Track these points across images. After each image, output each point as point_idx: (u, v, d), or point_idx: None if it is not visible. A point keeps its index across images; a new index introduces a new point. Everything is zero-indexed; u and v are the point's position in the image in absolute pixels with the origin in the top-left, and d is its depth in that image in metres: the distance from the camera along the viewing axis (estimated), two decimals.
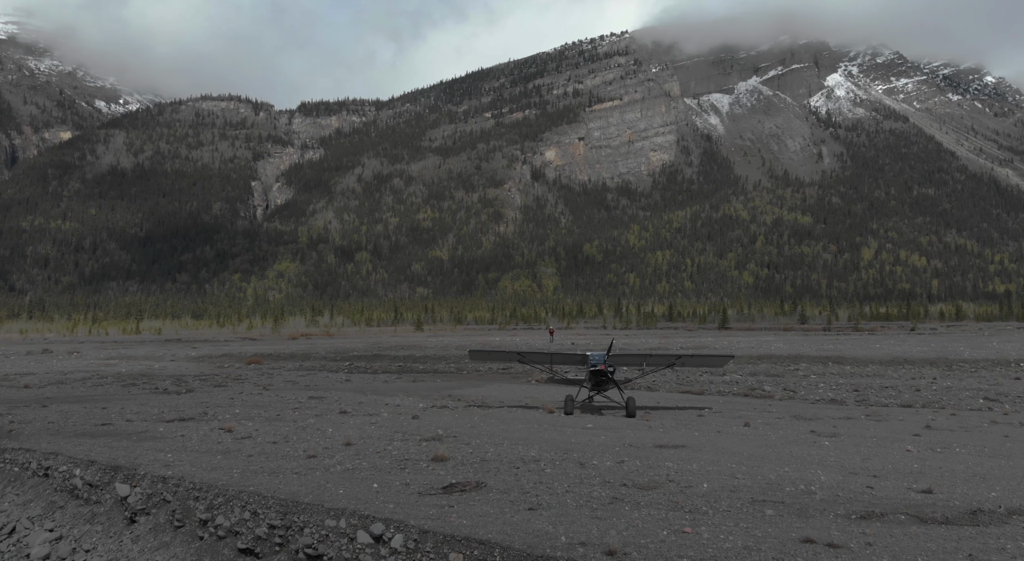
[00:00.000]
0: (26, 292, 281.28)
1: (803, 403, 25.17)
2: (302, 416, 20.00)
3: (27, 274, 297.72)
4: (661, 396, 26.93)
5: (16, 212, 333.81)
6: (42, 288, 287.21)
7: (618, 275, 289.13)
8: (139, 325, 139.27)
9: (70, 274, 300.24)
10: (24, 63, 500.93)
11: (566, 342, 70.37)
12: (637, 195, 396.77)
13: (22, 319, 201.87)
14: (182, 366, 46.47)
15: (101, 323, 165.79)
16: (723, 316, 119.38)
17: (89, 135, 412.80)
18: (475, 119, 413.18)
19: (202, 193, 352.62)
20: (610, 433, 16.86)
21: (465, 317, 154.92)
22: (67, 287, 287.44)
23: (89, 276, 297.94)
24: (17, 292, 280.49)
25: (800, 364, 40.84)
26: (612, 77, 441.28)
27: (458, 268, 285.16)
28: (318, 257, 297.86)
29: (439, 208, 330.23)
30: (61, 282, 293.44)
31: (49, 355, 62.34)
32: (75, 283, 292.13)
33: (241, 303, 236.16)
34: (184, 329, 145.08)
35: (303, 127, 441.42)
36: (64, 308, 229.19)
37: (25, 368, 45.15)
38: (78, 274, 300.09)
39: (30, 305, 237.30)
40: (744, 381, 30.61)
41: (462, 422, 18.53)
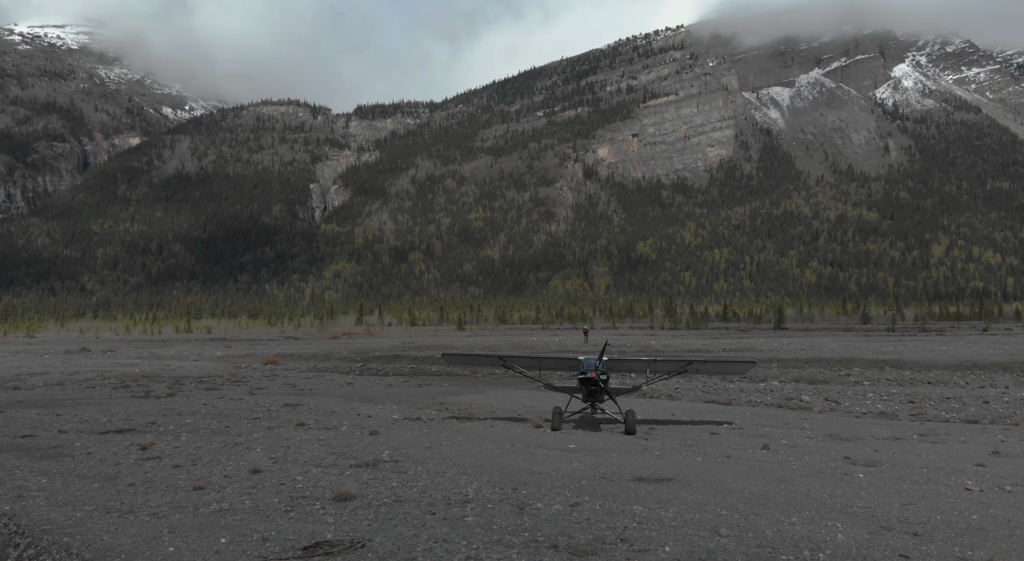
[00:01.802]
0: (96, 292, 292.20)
1: (845, 417, 21.56)
2: (251, 429, 17.61)
3: (97, 275, 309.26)
4: (681, 407, 23.67)
5: (87, 215, 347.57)
6: (111, 288, 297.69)
7: (673, 274, 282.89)
8: (191, 324, 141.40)
9: (137, 275, 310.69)
10: (95, 72, 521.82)
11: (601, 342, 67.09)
12: (693, 192, 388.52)
13: (87, 318, 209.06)
14: (198, 366, 45.16)
15: (161, 322, 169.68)
16: (778, 316, 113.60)
17: (156, 141, 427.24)
18: (527, 118, 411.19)
19: (262, 196, 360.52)
20: (590, 458, 13.86)
21: (510, 317, 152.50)
22: (134, 287, 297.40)
23: (155, 277, 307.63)
24: (88, 292, 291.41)
25: (853, 369, 36.72)
26: (667, 72, 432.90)
27: (509, 268, 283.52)
28: (373, 257, 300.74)
29: (490, 208, 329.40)
30: (129, 283, 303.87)
31: (83, 354, 62.35)
32: (142, 283, 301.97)
33: (297, 303, 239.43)
34: (236, 328, 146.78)
35: (359, 130, 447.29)
36: (128, 308, 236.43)
37: (42, 368, 44.53)
38: (145, 275, 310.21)
39: (96, 305, 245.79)
40: (782, 389, 27.02)
41: (423, 440, 15.80)
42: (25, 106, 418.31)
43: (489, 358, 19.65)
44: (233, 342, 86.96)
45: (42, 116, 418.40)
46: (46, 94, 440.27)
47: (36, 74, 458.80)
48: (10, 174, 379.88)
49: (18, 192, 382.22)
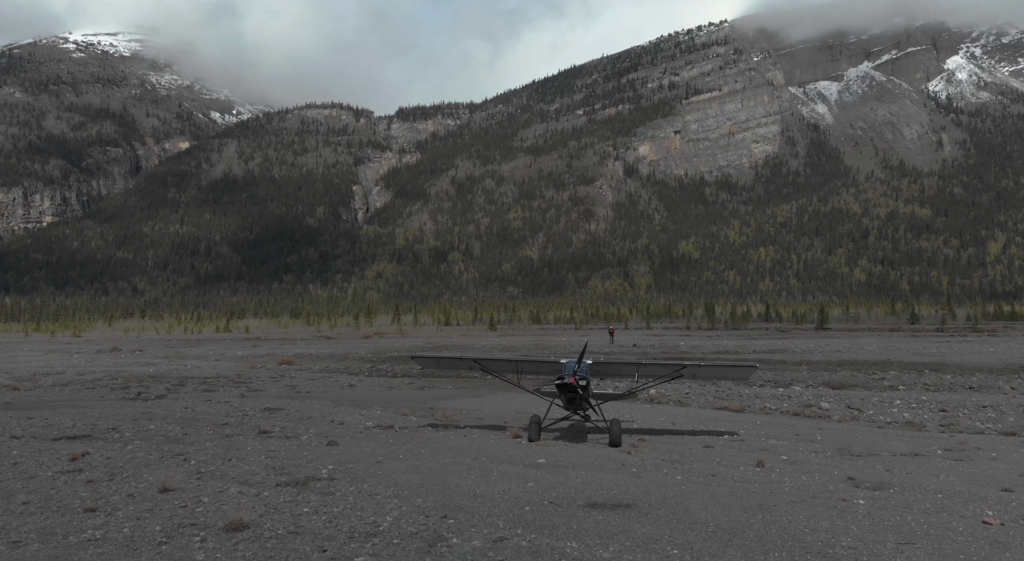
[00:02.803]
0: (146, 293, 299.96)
1: (866, 427, 19.53)
2: (208, 437, 16.49)
3: (148, 276, 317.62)
4: (687, 414, 21.87)
5: (139, 218, 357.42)
6: (161, 289, 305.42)
7: (717, 273, 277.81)
8: (229, 324, 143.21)
9: (186, 276, 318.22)
10: (146, 78, 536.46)
11: (628, 343, 64.95)
12: (738, 189, 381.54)
13: (135, 318, 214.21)
14: (213, 367, 44.74)
15: (204, 321, 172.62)
16: (821, 316, 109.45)
17: (204, 145, 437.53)
18: (567, 117, 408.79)
19: (307, 198, 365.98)
20: (552, 476, 12.33)
21: (545, 317, 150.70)
22: (183, 288, 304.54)
23: (203, 277, 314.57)
24: (139, 293, 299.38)
25: (888, 372, 34.23)
26: (710, 68, 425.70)
27: (548, 267, 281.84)
28: (413, 258, 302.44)
29: (529, 207, 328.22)
30: (178, 283, 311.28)
31: (111, 354, 62.79)
32: (190, 284, 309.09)
33: (339, 302, 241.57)
34: (274, 328, 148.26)
35: (400, 132, 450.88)
36: (175, 308, 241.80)
37: (60, 367, 44.63)
38: (193, 276, 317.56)
39: (144, 305, 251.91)
40: (801, 395, 24.95)
41: (380, 453, 14.47)
42: (80, 112, 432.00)
43: (463, 361, 18.24)
44: (264, 342, 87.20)
45: (96, 122, 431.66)
46: (100, 100, 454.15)
47: (90, 81, 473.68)
48: (65, 178, 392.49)
49: (73, 196, 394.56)
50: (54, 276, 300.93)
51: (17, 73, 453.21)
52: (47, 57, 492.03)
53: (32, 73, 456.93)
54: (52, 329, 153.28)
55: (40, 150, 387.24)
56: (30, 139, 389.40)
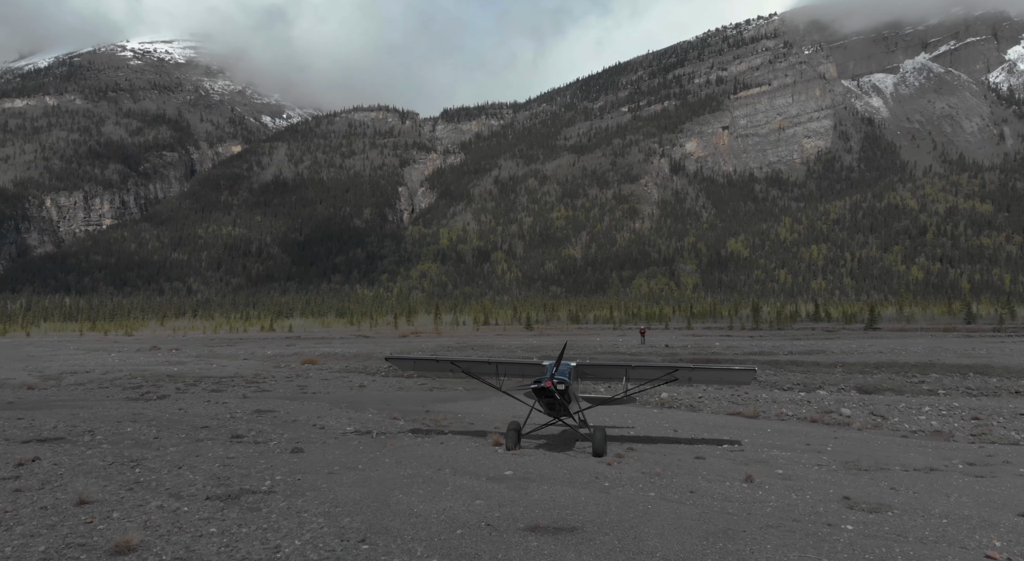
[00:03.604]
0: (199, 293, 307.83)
1: (887, 437, 17.92)
2: (177, 441, 15.91)
3: (202, 276, 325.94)
4: (696, 419, 20.54)
5: (193, 220, 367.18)
6: (214, 289, 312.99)
7: (767, 272, 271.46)
8: (273, 324, 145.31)
9: (238, 276, 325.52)
10: (200, 84, 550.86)
11: (660, 344, 63.06)
12: (789, 185, 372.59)
13: (186, 317, 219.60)
14: (237, 366, 44.79)
15: (252, 320, 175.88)
16: (870, 315, 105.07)
17: (256, 148, 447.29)
18: (611, 114, 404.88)
19: (354, 199, 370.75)
20: (509, 492, 11.28)
21: (585, 316, 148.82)
22: (235, 288, 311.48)
23: (255, 278, 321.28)
24: (193, 293, 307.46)
25: (929, 375, 32.05)
26: (759, 62, 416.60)
27: (591, 266, 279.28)
28: (457, 258, 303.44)
29: (573, 206, 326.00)
30: (231, 283, 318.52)
31: (149, 353, 63.81)
32: (242, 284, 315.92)
33: (384, 302, 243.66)
34: (317, 327, 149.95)
35: (445, 133, 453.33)
36: (225, 307, 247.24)
37: (89, 366, 45.31)
38: (245, 276, 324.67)
39: (196, 304, 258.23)
40: (824, 400, 23.26)
41: (340, 462, 13.66)
42: (137, 118, 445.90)
43: (440, 363, 17.27)
44: (302, 341, 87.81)
45: (152, 127, 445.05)
46: (156, 107, 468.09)
47: (147, 88, 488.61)
48: (124, 182, 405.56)
49: (131, 199, 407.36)
50: (113, 277, 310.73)
51: (78, 81, 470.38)
52: (106, 65, 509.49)
53: (92, 81, 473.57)
54: (106, 328, 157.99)
55: (100, 155, 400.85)
56: (90, 145, 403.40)
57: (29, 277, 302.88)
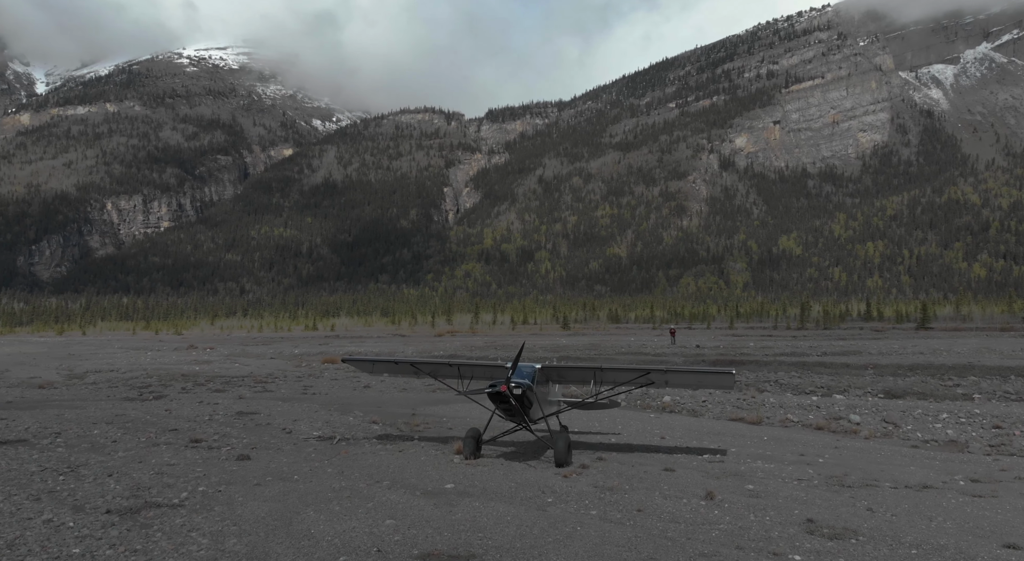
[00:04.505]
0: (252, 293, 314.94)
1: (894, 447, 16.41)
2: (132, 445, 15.46)
3: (255, 277, 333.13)
4: (692, 425, 19.29)
5: (246, 222, 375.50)
6: (266, 289, 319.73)
7: (820, 270, 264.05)
8: (316, 323, 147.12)
9: (289, 276, 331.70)
10: (253, 89, 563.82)
11: (691, 344, 61.06)
12: (844, 180, 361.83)
13: (237, 316, 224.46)
14: (261, 365, 44.89)
15: (299, 320, 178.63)
16: (922, 314, 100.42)
17: (306, 151, 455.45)
18: (658, 110, 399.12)
19: (400, 200, 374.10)
20: (433, 509, 10.39)
21: (626, 316, 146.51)
22: (287, 288, 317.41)
23: (305, 278, 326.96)
24: (246, 293, 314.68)
25: (967, 377, 29.88)
26: (812, 54, 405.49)
27: (637, 265, 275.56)
28: (501, 257, 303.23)
29: (618, 204, 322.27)
30: (282, 284, 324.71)
31: (186, 351, 64.76)
32: (293, 284, 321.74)
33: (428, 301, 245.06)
34: (360, 326, 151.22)
35: (489, 133, 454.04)
36: (275, 307, 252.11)
37: (116, 365, 45.98)
38: (296, 276, 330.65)
39: (246, 304, 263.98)
40: (837, 405, 21.62)
41: (280, 471, 12.98)
42: (193, 123, 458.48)
43: (399, 365, 16.44)
44: (338, 339, 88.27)
45: (208, 132, 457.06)
46: (211, 112, 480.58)
47: (202, 93, 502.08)
48: (180, 186, 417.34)
49: (187, 202, 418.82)
50: (170, 277, 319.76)
51: (136, 88, 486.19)
52: (163, 72, 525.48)
53: (150, 87, 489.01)
54: (158, 327, 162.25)
55: (157, 160, 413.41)
56: (148, 150, 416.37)
57: (91, 278, 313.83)
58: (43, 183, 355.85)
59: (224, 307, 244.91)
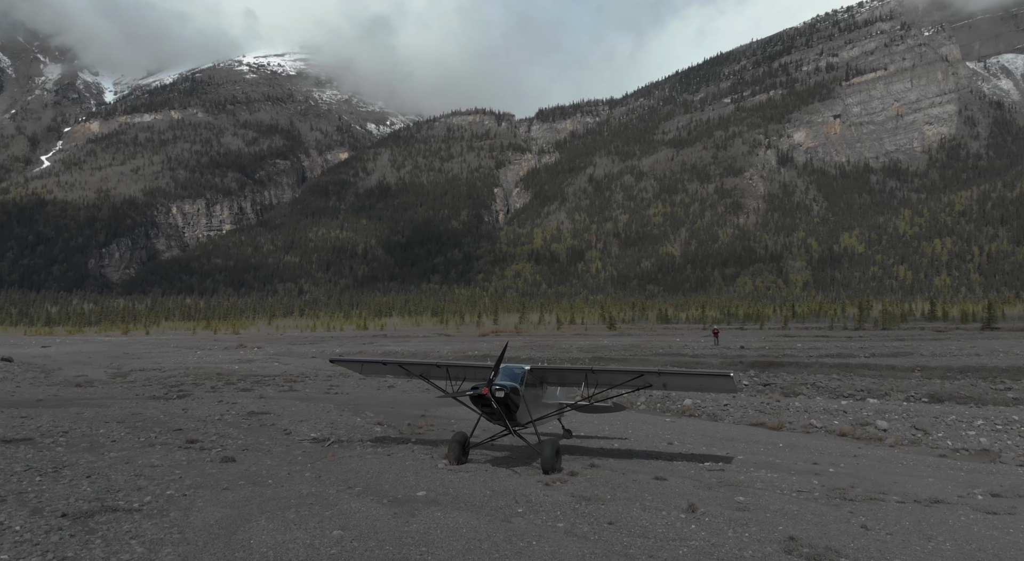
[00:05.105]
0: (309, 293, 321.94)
1: (921, 455, 15.30)
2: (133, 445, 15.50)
3: (312, 277, 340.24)
4: (708, 430, 18.42)
5: (304, 224, 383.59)
6: (323, 290, 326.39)
7: (884, 268, 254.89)
8: (367, 322, 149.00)
9: (345, 277, 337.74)
10: (310, 94, 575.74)
11: (735, 345, 59.16)
12: (908, 175, 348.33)
13: (294, 316, 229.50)
14: (301, 364, 45.42)
15: (352, 319, 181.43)
16: (988, 314, 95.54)
17: (361, 155, 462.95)
18: (712, 106, 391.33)
19: (452, 201, 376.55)
20: (391, 520, 9.98)
21: (677, 316, 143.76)
22: (343, 288, 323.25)
23: (360, 279, 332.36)
24: (303, 293, 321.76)
25: (1021, 381, 28.01)
26: (874, 46, 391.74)
27: (691, 264, 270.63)
28: (551, 257, 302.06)
29: (671, 202, 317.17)
30: (339, 284, 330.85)
31: (235, 350, 66.13)
32: (349, 285, 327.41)
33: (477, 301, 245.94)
34: (409, 326, 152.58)
35: (540, 133, 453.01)
36: (331, 307, 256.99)
37: (162, 364, 47.14)
38: (352, 277, 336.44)
39: (303, 304, 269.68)
40: (865, 410, 20.37)
41: (260, 475, 12.78)
42: (253, 129, 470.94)
43: (387, 365, 16.06)
44: (384, 339, 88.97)
45: (267, 137, 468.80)
46: (269, 117, 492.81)
47: (261, 100, 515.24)
48: (241, 190, 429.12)
49: (248, 205, 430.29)
50: (232, 279, 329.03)
51: (199, 95, 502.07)
52: (224, 79, 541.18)
53: (212, 94, 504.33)
54: (217, 327, 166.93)
55: (219, 164, 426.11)
56: (211, 155, 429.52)
57: (157, 279, 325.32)
58: (112, 188, 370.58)
59: (282, 307, 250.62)
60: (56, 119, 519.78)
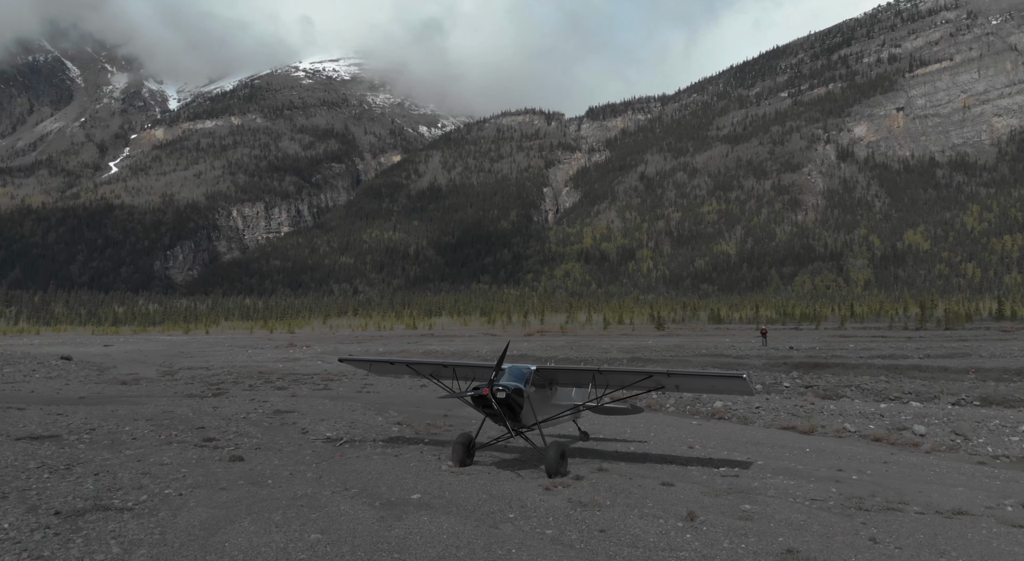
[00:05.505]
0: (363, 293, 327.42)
1: (958, 462, 14.41)
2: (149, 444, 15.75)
3: (366, 278, 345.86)
4: (735, 433, 17.77)
5: (358, 226, 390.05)
6: (377, 290, 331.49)
7: (952, 266, 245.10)
8: (416, 322, 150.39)
9: (398, 277, 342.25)
10: (364, 99, 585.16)
11: (784, 345, 57.37)
12: (977, 169, 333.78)
13: (347, 316, 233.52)
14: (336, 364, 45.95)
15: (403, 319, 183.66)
16: None
17: (413, 157, 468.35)
18: (768, 100, 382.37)
19: (501, 202, 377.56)
20: (376, 523, 9.82)
21: (730, 316, 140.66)
22: (396, 288, 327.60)
23: (412, 279, 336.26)
24: (358, 293, 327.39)
25: None
26: (938, 36, 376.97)
27: (747, 263, 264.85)
28: (600, 256, 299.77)
29: (725, 199, 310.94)
30: (392, 284, 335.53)
31: (285, 349, 67.47)
32: (401, 285, 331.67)
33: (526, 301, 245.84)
34: (457, 325, 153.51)
35: (590, 131, 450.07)
36: (383, 307, 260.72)
37: (211, 363, 48.30)
38: (404, 277, 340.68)
39: (356, 304, 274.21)
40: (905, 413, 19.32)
41: (264, 475, 12.77)
42: (309, 133, 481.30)
43: (395, 365, 15.90)
44: (431, 338, 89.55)
45: (323, 141, 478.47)
46: (325, 122, 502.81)
47: (317, 105, 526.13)
48: (299, 193, 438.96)
49: (305, 208, 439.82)
50: (289, 279, 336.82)
51: (258, 101, 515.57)
52: (282, 85, 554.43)
53: (270, 100, 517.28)
54: (273, 326, 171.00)
55: (277, 168, 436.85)
56: (269, 159, 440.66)
57: (219, 280, 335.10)
58: (176, 193, 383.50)
59: (336, 307, 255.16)
60: (123, 126, 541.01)
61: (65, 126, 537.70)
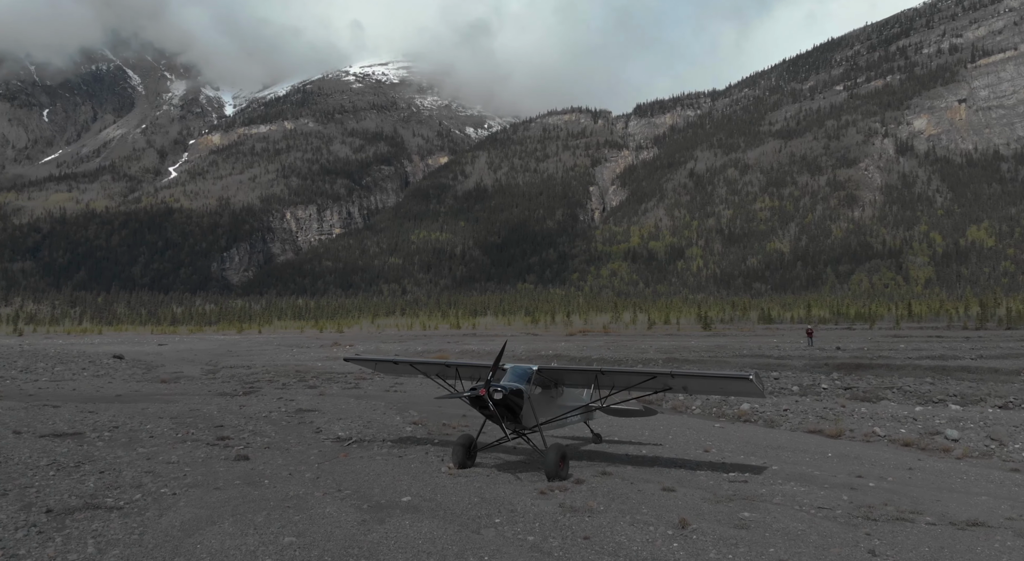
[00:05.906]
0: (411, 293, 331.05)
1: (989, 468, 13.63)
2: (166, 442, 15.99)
3: (414, 278, 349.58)
4: (757, 436, 17.16)
5: (407, 227, 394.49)
6: (425, 290, 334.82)
7: (1018, 263, 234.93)
8: (460, 321, 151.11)
9: (445, 277, 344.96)
10: (412, 101, 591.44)
11: (831, 345, 55.51)
12: None
13: (395, 315, 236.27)
14: None
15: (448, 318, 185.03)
16: None
17: (460, 158, 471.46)
18: (823, 94, 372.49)
19: (547, 201, 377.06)
20: (355, 527, 9.68)
21: (782, 316, 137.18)
22: (443, 288, 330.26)
23: (459, 279, 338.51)
24: (406, 293, 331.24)
25: None
26: (1002, 25, 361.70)
27: (801, 261, 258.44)
28: (648, 255, 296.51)
29: (778, 196, 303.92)
30: (439, 284, 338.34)
31: (329, 348, 68.50)
32: (448, 285, 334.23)
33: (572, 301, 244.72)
34: (500, 325, 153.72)
35: (637, 128, 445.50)
36: (430, 307, 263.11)
37: (254, 362, 49.23)
38: (451, 277, 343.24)
39: (404, 304, 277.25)
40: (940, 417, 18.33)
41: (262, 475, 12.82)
42: (359, 136, 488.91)
43: (398, 365, 15.74)
44: (472, 338, 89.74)
45: (372, 144, 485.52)
46: (375, 125, 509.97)
47: (367, 108, 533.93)
48: (349, 195, 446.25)
49: (355, 210, 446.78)
50: (341, 280, 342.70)
51: (310, 106, 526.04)
52: (333, 89, 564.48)
53: (321, 105, 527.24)
54: (323, 326, 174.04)
55: (329, 171, 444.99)
56: (321, 163, 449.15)
57: (273, 281, 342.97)
58: (232, 196, 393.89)
59: (384, 307, 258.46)
60: (182, 132, 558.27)
61: (127, 133, 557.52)
